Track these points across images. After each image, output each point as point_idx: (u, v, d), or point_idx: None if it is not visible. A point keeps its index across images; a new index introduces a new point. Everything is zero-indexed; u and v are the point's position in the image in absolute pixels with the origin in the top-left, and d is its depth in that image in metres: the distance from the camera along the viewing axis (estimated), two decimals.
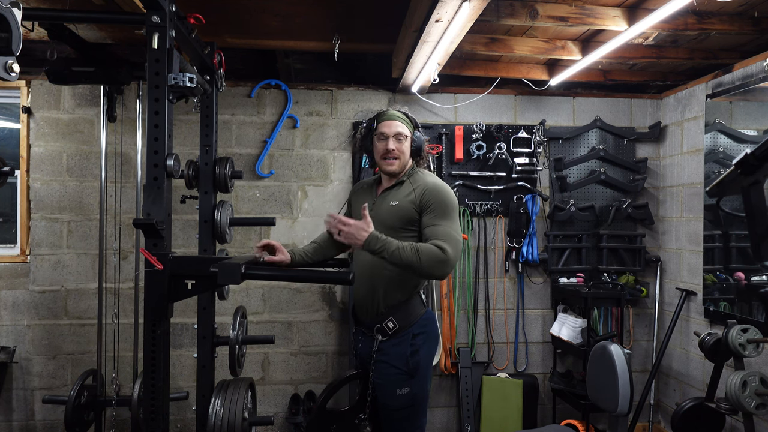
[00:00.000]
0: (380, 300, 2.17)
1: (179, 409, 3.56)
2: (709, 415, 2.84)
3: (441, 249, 2.00)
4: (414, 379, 2.15)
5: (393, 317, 2.16)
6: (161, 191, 1.86)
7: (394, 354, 2.16)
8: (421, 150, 2.29)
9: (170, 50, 1.87)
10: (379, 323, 2.17)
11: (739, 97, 3.24)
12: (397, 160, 2.22)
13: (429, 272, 2.02)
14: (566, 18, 2.70)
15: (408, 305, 2.19)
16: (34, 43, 3.12)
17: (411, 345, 2.16)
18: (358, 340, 2.32)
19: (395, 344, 2.16)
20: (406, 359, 2.14)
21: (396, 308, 2.17)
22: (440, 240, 2.02)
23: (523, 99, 3.86)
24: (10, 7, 1.11)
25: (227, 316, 3.45)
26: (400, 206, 2.17)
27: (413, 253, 1.99)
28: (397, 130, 2.21)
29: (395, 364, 2.15)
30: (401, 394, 2.14)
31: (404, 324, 2.16)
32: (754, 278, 3.12)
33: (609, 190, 3.87)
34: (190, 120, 3.56)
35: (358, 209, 2.32)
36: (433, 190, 2.14)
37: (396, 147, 2.21)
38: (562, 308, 3.74)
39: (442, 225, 2.07)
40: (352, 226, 2.03)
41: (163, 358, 1.90)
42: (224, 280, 1.85)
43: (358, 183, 2.51)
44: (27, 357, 3.48)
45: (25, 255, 3.50)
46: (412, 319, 2.18)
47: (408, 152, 2.25)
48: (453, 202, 2.15)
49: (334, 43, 3.07)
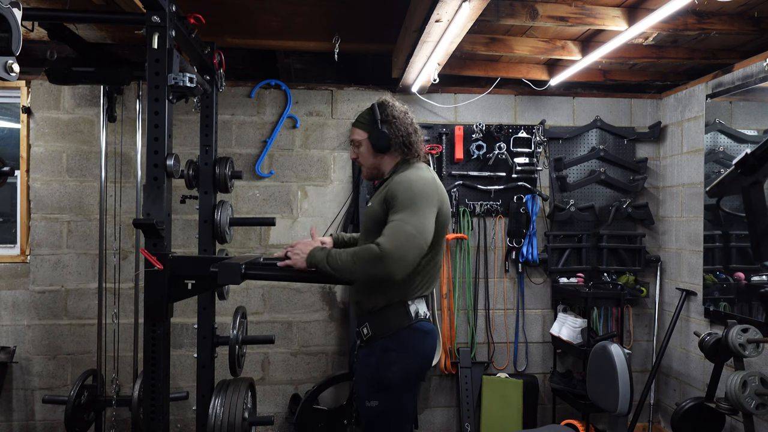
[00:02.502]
0: (362, 303, 2.04)
1: (179, 409, 3.56)
2: (709, 415, 2.85)
3: (376, 244, 1.79)
4: (383, 394, 1.96)
5: (369, 323, 2.01)
6: (161, 191, 1.86)
7: (365, 363, 2.02)
8: (387, 144, 2.05)
9: (170, 50, 1.87)
10: (358, 327, 2.06)
11: (739, 97, 3.24)
12: (364, 167, 2.16)
13: (366, 274, 1.82)
14: (566, 18, 2.70)
15: (386, 313, 1.98)
16: (34, 43, 3.12)
17: (381, 358, 1.96)
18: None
19: (367, 354, 2.02)
20: (373, 372, 1.97)
21: (374, 314, 2.00)
22: (383, 235, 1.82)
23: (523, 99, 3.86)
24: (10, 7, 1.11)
25: (227, 316, 3.45)
26: (372, 208, 2.03)
27: (348, 258, 1.83)
28: (351, 137, 2.16)
29: (364, 374, 2.01)
30: (369, 406, 1.98)
31: (377, 333, 1.99)
32: (754, 278, 3.12)
33: (609, 190, 3.87)
34: (190, 120, 3.56)
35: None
36: (396, 184, 1.93)
37: (356, 153, 2.14)
38: (562, 308, 3.74)
39: (393, 220, 1.85)
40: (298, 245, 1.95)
41: (163, 358, 1.90)
42: (224, 280, 1.85)
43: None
44: (27, 357, 3.48)
45: (25, 255, 3.50)
46: (386, 330, 1.97)
47: (369, 154, 2.11)
48: (418, 193, 1.89)
49: (334, 43, 3.07)
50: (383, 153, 2.08)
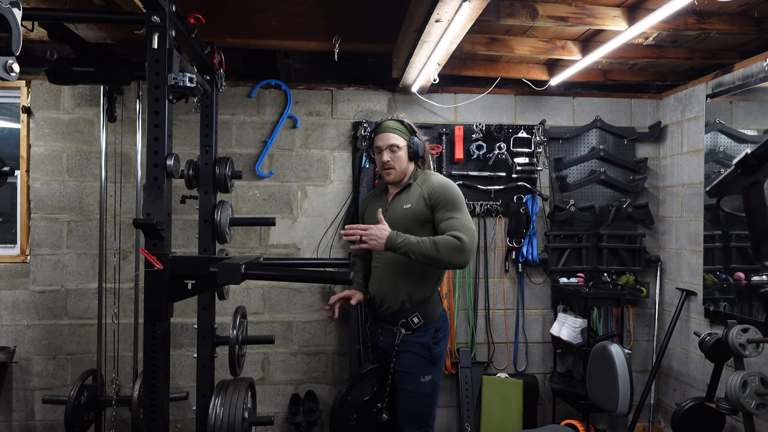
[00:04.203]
0: (406, 297, 2.33)
1: (179, 409, 3.56)
2: (709, 415, 2.85)
3: (457, 238, 2.16)
4: (435, 367, 2.35)
5: (419, 312, 2.33)
6: (161, 191, 1.86)
7: (418, 345, 2.34)
8: (419, 154, 2.42)
9: (170, 50, 1.87)
10: (405, 318, 2.33)
11: (739, 97, 3.24)
12: (393, 170, 2.39)
13: (449, 262, 2.17)
14: (566, 18, 2.70)
15: (432, 301, 2.37)
16: (34, 43, 3.12)
17: (433, 338, 2.35)
18: (377, 333, 2.46)
19: (419, 336, 2.34)
20: (430, 349, 2.33)
21: (421, 305, 2.34)
22: (455, 230, 2.19)
23: (523, 99, 3.86)
24: (10, 7, 1.11)
25: (227, 316, 3.45)
26: (413, 208, 2.33)
27: (432, 246, 2.16)
28: (389, 142, 2.37)
29: (420, 353, 2.33)
30: (424, 381, 2.33)
31: (428, 319, 2.35)
32: (754, 278, 3.12)
33: (609, 190, 3.87)
34: (190, 120, 3.56)
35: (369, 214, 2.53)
36: (440, 187, 2.32)
37: (390, 158, 2.37)
38: (562, 308, 3.74)
39: (455, 217, 2.24)
40: (372, 229, 2.20)
41: (163, 358, 1.89)
42: (224, 280, 1.85)
43: (367, 196, 2.67)
44: (27, 357, 3.48)
45: (25, 255, 3.50)
46: (433, 315, 2.37)
47: (404, 159, 2.40)
48: (460, 195, 2.32)
49: (334, 43, 3.07)
50: (413, 160, 2.44)
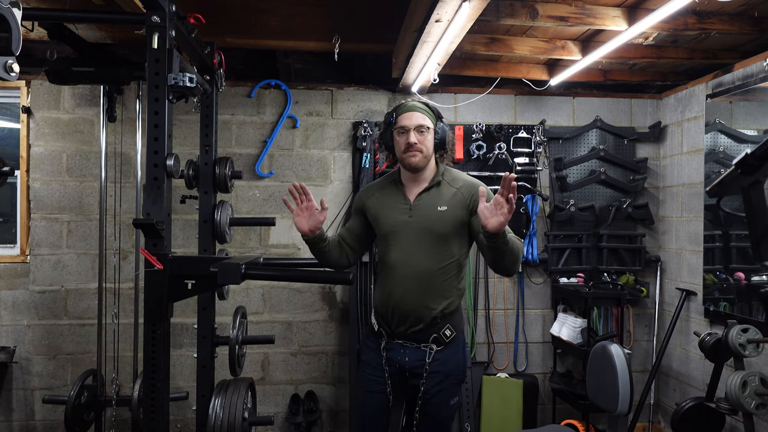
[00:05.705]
0: (437, 308, 2.01)
1: (179, 409, 3.56)
2: (709, 415, 2.84)
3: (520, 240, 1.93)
4: (461, 387, 2.12)
5: (450, 324, 2.04)
6: (161, 191, 1.86)
7: (452, 363, 2.05)
8: (445, 142, 2.09)
9: (170, 50, 1.87)
10: (436, 333, 2.02)
11: (739, 97, 3.24)
12: (420, 153, 2.01)
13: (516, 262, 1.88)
14: (566, 18, 2.70)
15: (459, 311, 2.11)
16: (34, 43, 3.11)
17: (463, 354, 2.09)
18: (400, 354, 2.06)
19: (452, 353, 2.06)
20: (462, 369, 2.08)
21: (451, 315, 2.05)
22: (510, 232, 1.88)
23: (523, 99, 3.86)
24: (10, 7, 1.11)
25: (227, 316, 3.45)
26: (452, 211, 2.02)
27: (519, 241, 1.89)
28: (418, 122, 2.01)
29: (454, 374, 2.05)
30: (453, 404, 2.05)
31: (458, 330, 2.08)
32: (754, 278, 3.12)
33: (609, 190, 3.87)
34: (190, 120, 3.56)
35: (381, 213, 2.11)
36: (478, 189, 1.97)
37: (418, 140, 2.01)
38: (562, 308, 3.74)
39: None
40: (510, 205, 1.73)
41: (163, 358, 1.89)
42: (224, 280, 1.85)
43: (368, 187, 2.23)
44: (27, 357, 3.48)
45: (25, 255, 3.50)
46: (461, 326, 2.10)
47: (431, 145, 2.05)
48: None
49: (334, 43, 3.07)
50: (437, 151, 2.11)
